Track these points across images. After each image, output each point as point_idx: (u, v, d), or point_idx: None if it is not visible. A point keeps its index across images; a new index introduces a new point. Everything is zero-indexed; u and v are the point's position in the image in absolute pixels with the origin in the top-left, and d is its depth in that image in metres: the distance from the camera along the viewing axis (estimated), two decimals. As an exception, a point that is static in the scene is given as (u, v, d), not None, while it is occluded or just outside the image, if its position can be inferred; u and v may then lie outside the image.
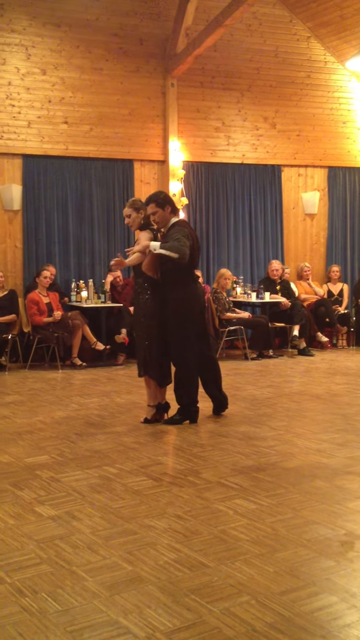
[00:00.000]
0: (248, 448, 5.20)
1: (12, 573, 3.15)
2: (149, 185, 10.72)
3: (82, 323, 9.21)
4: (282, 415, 6.31)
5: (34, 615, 2.77)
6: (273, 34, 11.29)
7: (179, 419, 6.02)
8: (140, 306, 5.93)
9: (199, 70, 10.83)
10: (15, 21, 9.78)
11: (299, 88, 11.56)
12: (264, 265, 11.16)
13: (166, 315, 5.89)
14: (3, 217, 9.89)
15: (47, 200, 10.02)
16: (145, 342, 5.91)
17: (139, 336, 6.01)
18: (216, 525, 3.69)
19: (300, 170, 11.77)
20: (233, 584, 3.02)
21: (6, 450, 5.20)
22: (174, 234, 5.77)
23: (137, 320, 6.06)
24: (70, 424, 6.03)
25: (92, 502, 4.07)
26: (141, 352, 5.96)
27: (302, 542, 3.46)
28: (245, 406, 6.70)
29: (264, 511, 3.88)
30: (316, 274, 11.73)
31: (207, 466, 4.77)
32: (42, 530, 3.66)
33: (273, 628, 2.66)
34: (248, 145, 11.30)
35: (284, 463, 4.81)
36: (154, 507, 3.98)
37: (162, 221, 5.95)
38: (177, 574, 3.12)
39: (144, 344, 5.93)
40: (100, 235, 10.34)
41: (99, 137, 10.32)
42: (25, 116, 9.90)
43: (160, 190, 6.72)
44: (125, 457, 5.00)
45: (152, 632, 2.64)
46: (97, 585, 3.02)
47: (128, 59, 10.47)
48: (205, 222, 10.99)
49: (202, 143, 11.01)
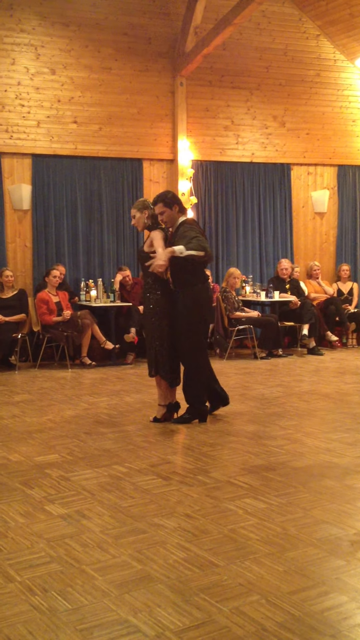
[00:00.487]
0: (257, 447, 5.19)
1: (22, 572, 3.16)
2: (158, 184, 10.72)
3: (92, 322, 9.22)
4: (291, 414, 6.30)
5: (44, 614, 2.78)
6: (282, 32, 11.26)
7: (188, 418, 6.02)
8: (151, 306, 5.92)
9: (208, 69, 10.82)
10: (24, 21, 9.80)
11: (309, 86, 11.53)
12: (273, 264, 11.14)
13: (176, 315, 5.89)
14: (13, 216, 9.92)
15: (57, 199, 10.04)
16: (156, 342, 5.90)
17: (150, 336, 5.99)
18: (226, 524, 3.69)
19: (309, 168, 11.74)
20: (243, 583, 3.02)
21: (16, 449, 5.21)
22: (187, 233, 5.77)
23: (147, 320, 6.03)
24: (79, 423, 6.04)
25: (102, 500, 4.08)
26: (152, 352, 5.95)
27: (312, 541, 3.45)
28: (255, 405, 6.70)
29: (273, 510, 3.88)
30: (326, 273, 11.69)
31: (217, 465, 4.76)
32: (52, 528, 3.67)
33: (283, 627, 2.66)
34: (257, 144, 11.29)
35: (294, 462, 4.80)
36: (163, 506, 3.98)
37: (170, 221, 5.94)
38: (186, 573, 3.12)
39: (155, 344, 5.92)
40: (109, 234, 10.35)
41: (108, 136, 10.33)
42: (34, 116, 9.93)
43: (167, 190, 6.73)
44: (134, 456, 5.00)
45: (161, 630, 2.65)
46: (107, 584, 3.03)
47: (137, 58, 10.47)
48: (214, 221, 10.98)
49: (211, 142, 11.00)
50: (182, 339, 5.92)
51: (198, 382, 6.03)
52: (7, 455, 5.05)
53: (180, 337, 5.91)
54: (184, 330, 5.90)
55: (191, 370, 5.99)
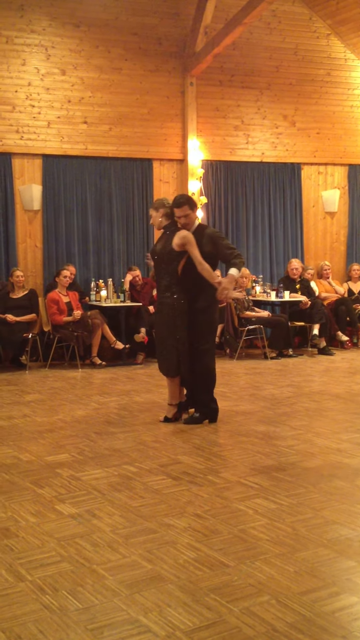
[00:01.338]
0: (268, 447, 5.18)
1: (33, 571, 3.17)
2: (168, 184, 10.73)
3: (102, 322, 9.24)
4: (302, 414, 6.29)
5: (55, 613, 2.79)
6: (293, 31, 11.24)
7: (199, 418, 6.02)
8: (174, 307, 5.86)
9: (218, 68, 10.82)
10: (35, 22, 9.83)
11: (319, 86, 11.50)
12: (284, 264, 11.11)
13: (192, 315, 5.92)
14: (23, 217, 9.95)
15: (67, 200, 10.07)
16: (179, 342, 5.88)
17: (172, 337, 5.89)
18: (236, 524, 3.69)
19: (320, 168, 11.71)
20: (253, 583, 3.02)
21: (27, 449, 5.23)
22: (223, 242, 5.96)
23: (168, 322, 5.90)
24: (90, 423, 6.06)
25: (112, 500, 4.08)
26: (174, 352, 5.89)
27: (322, 542, 3.45)
28: (265, 405, 6.69)
29: (284, 511, 3.87)
30: (336, 273, 11.66)
31: (227, 465, 4.76)
32: (62, 528, 3.67)
33: (293, 628, 2.65)
34: (267, 144, 11.27)
35: (304, 463, 4.79)
36: (173, 506, 3.98)
37: (190, 223, 5.96)
38: (197, 573, 3.12)
39: (178, 345, 5.89)
40: (119, 234, 10.36)
41: (118, 136, 10.34)
42: (45, 116, 9.95)
43: (184, 193, 6.81)
44: (144, 455, 5.00)
45: (172, 630, 2.65)
46: (117, 583, 3.03)
47: (147, 58, 10.48)
48: (224, 221, 10.97)
49: (221, 142, 10.99)
50: (200, 339, 5.94)
51: (211, 381, 6.07)
52: (18, 455, 5.07)
53: (197, 337, 5.93)
54: (204, 330, 5.95)
55: (205, 369, 6.02)
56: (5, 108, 9.75)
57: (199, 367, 6.01)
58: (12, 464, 4.86)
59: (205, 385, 6.06)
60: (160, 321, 6.03)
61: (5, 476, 4.58)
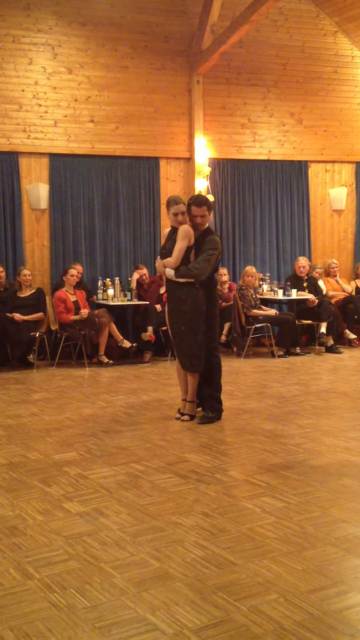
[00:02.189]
0: (275, 446, 5.17)
1: (40, 569, 3.17)
2: (175, 182, 10.73)
3: (109, 321, 9.24)
4: (309, 413, 6.27)
5: (63, 611, 2.79)
6: (299, 29, 11.21)
7: (213, 417, 6.01)
8: (191, 301, 5.86)
9: (224, 66, 10.80)
10: (41, 21, 9.84)
11: (326, 83, 11.47)
12: (291, 262, 11.09)
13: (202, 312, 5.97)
14: (30, 216, 9.97)
15: (74, 198, 10.08)
16: (199, 336, 5.89)
17: (193, 331, 5.87)
18: (243, 523, 3.68)
19: (327, 166, 11.68)
20: (261, 582, 3.01)
21: (34, 447, 5.24)
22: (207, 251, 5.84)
23: (192, 318, 5.87)
24: (97, 421, 6.06)
25: (120, 499, 4.08)
26: (195, 346, 5.88)
27: (330, 540, 3.44)
28: (272, 404, 6.68)
29: (291, 509, 3.86)
30: (344, 271, 11.62)
31: (234, 464, 4.76)
32: (70, 526, 3.68)
33: (301, 626, 2.65)
34: (274, 142, 11.24)
35: (312, 461, 4.78)
36: (181, 504, 3.98)
37: (204, 224, 5.98)
38: (204, 572, 3.12)
39: (199, 338, 5.89)
40: (126, 233, 10.37)
41: (124, 135, 10.34)
42: (51, 115, 9.96)
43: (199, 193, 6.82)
44: (152, 454, 5.01)
45: (180, 629, 2.65)
46: (125, 581, 3.03)
47: (153, 56, 10.48)
48: (231, 219, 10.96)
49: (228, 140, 10.97)
50: (212, 334, 6.07)
51: (220, 378, 6.12)
52: (25, 453, 5.08)
53: (209, 332, 5.97)
54: (212, 325, 6.02)
55: (217, 367, 6.08)
56: (12, 107, 9.77)
57: (213, 366, 6.04)
58: (20, 462, 4.87)
59: (217, 383, 6.10)
60: (180, 318, 5.91)
61: (13, 474, 4.59)
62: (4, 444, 5.37)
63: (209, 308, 5.97)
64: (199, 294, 5.86)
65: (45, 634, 2.63)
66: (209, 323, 5.97)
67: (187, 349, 5.91)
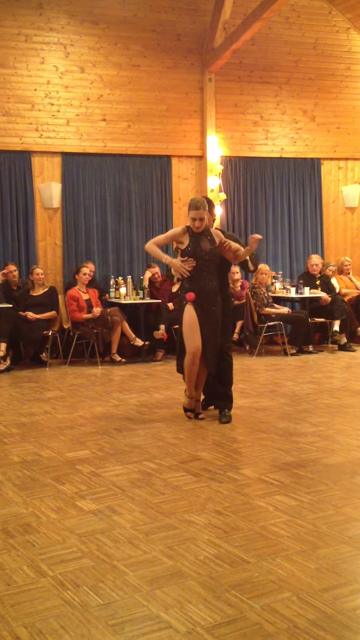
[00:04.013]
0: (288, 444, 5.16)
1: (54, 566, 3.18)
2: (187, 181, 10.72)
3: (121, 319, 9.26)
4: (322, 411, 6.25)
5: (76, 609, 2.80)
6: (312, 26, 11.17)
7: (231, 415, 6.01)
8: (225, 302, 5.94)
9: (236, 64, 10.78)
10: (53, 20, 9.86)
11: (339, 80, 11.42)
12: (304, 260, 11.06)
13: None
14: (43, 214, 10.00)
15: (86, 197, 10.10)
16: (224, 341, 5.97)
17: (217, 336, 5.88)
18: (256, 521, 3.67)
19: (340, 163, 11.63)
20: (274, 580, 3.01)
21: (48, 445, 5.26)
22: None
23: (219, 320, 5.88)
24: (110, 420, 6.07)
25: (132, 496, 4.09)
26: (217, 350, 5.92)
27: (343, 539, 3.42)
28: (285, 402, 6.66)
29: (304, 508, 3.85)
30: (357, 269, 11.57)
31: (247, 462, 4.75)
32: (83, 524, 3.69)
33: (315, 625, 2.64)
34: (287, 139, 11.21)
35: (325, 459, 4.76)
36: (193, 502, 3.98)
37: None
38: (217, 570, 3.12)
39: (225, 344, 5.98)
40: (138, 231, 10.38)
41: (136, 133, 10.35)
42: (64, 114, 9.99)
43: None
44: (164, 452, 5.01)
45: (192, 627, 2.65)
46: (138, 579, 3.04)
47: (166, 54, 10.47)
48: (243, 217, 10.94)
49: (240, 137, 10.95)
50: (229, 337, 6.20)
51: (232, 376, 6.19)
52: (38, 451, 5.10)
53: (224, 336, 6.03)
54: (226, 324, 6.08)
55: (231, 367, 6.11)
56: (24, 106, 9.80)
57: (227, 365, 6.06)
58: (33, 460, 4.89)
59: (231, 382, 6.13)
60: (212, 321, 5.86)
61: (27, 472, 4.61)
62: (17, 442, 5.39)
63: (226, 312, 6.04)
64: (225, 301, 6.01)
65: (58, 631, 2.64)
66: (223, 322, 5.99)
67: (215, 352, 5.90)
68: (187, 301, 5.81)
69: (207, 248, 5.78)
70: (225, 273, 6.13)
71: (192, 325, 5.78)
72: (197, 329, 5.77)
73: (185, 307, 5.84)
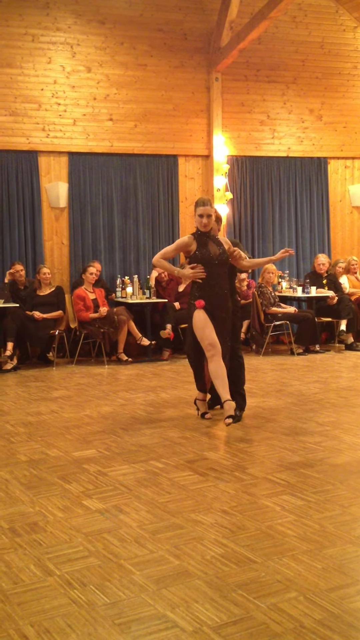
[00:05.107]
0: (295, 444, 5.15)
1: (60, 565, 3.19)
2: (193, 180, 10.72)
3: (128, 319, 9.26)
4: (329, 410, 6.24)
5: (83, 608, 2.80)
6: (319, 25, 11.15)
7: (241, 415, 6.01)
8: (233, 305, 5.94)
9: (243, 63, 10.77)
10: (60, 20, 9.88)
11: (346, 79, 11.40)
12: (310, 259, 11.04)
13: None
14: (50, 214, 10.02)
15: (93, 197, 10.12)
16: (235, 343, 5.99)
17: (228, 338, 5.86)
18: (263, 520, 3.67)
19: (347, 162, 11.61)
20: (280, 579, 3.01)
21: (54, 444, 5.27)
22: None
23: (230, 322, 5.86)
24: (116, 419, 6.08)
25: (139, 496, 4.09)
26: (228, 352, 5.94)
27: (350, 538, 3.42)
28: (292, 402, 6.65)
29: (311, 507, 3.85)
30: (364, 268, 11.54)
31: (254, 462, 4.75)
32: (90, 523, 3.69)
33: (322, 625, 2.64)
34: (293, 138, 11.20)
35: (332, 459, 4.76)
36: (200, 502, 3.98)
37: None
38: (224, 569, 3.12)
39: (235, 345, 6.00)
40: (145, 231, 10.39)
41: (143, 133, 10.35)
42: (70, 114, 10.00)
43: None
44: (171, 451, 5.01)
45: (199, 626, 2.65)
46: (145, 578, 3.04)
47: (172, 54, 10.47)
48: (250, 216, 10.94)
49: (247, 137, 10.95)
50: (239, 338, 6.24)
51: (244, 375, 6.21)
52: (45, 451, 5.11)
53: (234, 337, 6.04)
54: (237, 331, 6.16)
55: (240, 364, 6.11)
56: (31, 106, 9.82)
57: (238, 365, 6.07)
58: (40, 459, 4.90)
59: (243, 382, 6.15)
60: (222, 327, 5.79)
61: (34, 471, 4.62)
62: (24, 441, 5.41)
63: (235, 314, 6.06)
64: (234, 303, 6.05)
65: (65, 630, 2.65)
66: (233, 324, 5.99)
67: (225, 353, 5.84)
68: (196, 308, 5.73)
69: (216, 252, 5.71)
70: (233, 279, 6.14)
71: (204, 322, 5.65)
72: (209, 324, 5.63)
73: (194, 312, 5.75)
